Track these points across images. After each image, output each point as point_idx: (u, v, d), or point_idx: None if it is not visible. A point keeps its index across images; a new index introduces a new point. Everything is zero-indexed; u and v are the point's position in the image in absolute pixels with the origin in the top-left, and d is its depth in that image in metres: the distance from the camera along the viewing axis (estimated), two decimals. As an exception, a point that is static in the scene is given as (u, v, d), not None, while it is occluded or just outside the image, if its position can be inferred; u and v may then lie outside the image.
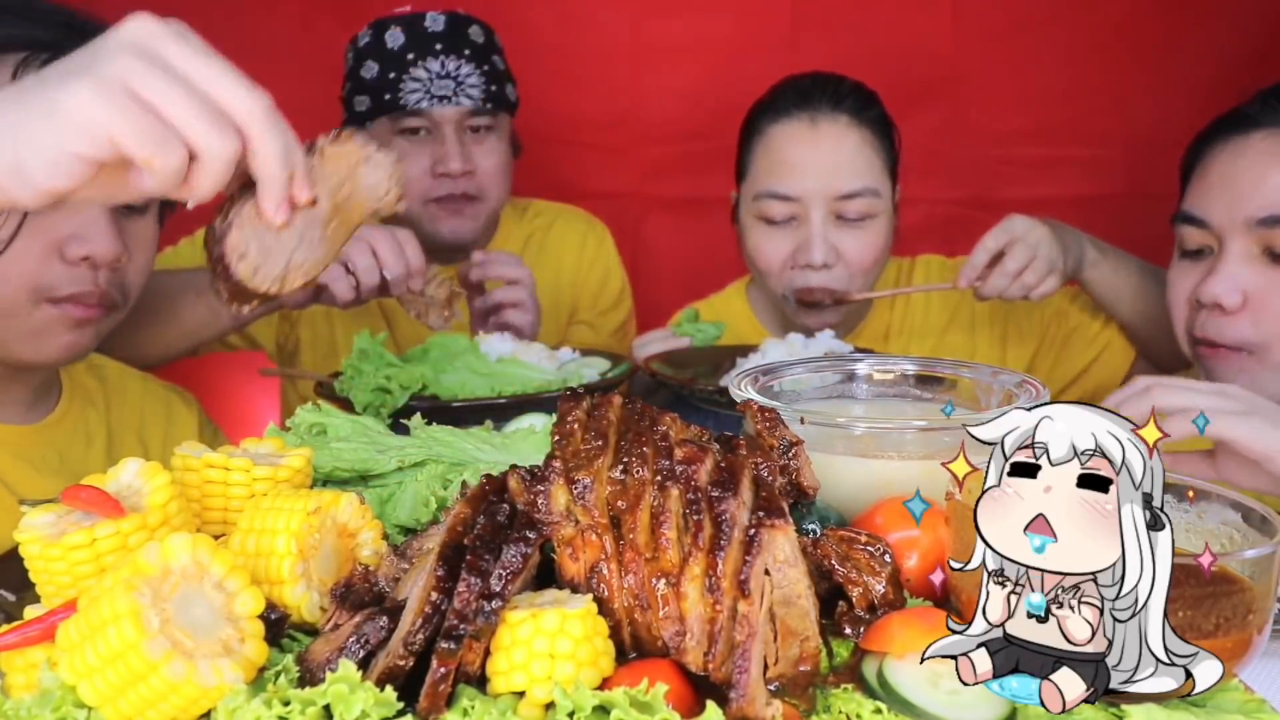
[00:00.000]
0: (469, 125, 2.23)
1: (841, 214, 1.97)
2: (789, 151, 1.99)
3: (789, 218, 1.99)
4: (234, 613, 0.74)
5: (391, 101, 2.17)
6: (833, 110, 1.99)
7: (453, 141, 2.21)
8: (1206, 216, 1.57)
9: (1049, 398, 1.09)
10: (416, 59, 2.16)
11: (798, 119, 1.99)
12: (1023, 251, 1.82)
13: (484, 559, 0.74)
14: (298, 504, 0.87)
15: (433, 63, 2.16)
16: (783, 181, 1.98)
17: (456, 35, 2.20)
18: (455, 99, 2.17)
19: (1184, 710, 0.73)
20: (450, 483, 1.07)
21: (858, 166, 1.98)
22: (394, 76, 2.17)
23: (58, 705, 0.71)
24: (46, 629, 0.77)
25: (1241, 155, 1.57)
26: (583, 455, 0.82)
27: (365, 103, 2.22)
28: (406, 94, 2.16)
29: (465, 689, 0.72)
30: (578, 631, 0.72)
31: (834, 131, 1.97)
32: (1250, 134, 1.57)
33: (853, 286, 2.01)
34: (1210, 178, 1.60)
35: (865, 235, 1.99)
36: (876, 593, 0.83)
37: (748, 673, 0.72)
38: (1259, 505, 0.82)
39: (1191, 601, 0.72)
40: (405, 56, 2.17)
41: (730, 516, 0.76)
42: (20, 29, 1.38)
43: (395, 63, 2.17)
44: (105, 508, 0.82)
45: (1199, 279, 1.59)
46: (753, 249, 2.07)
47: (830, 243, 1.96)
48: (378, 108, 2.21)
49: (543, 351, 1.86)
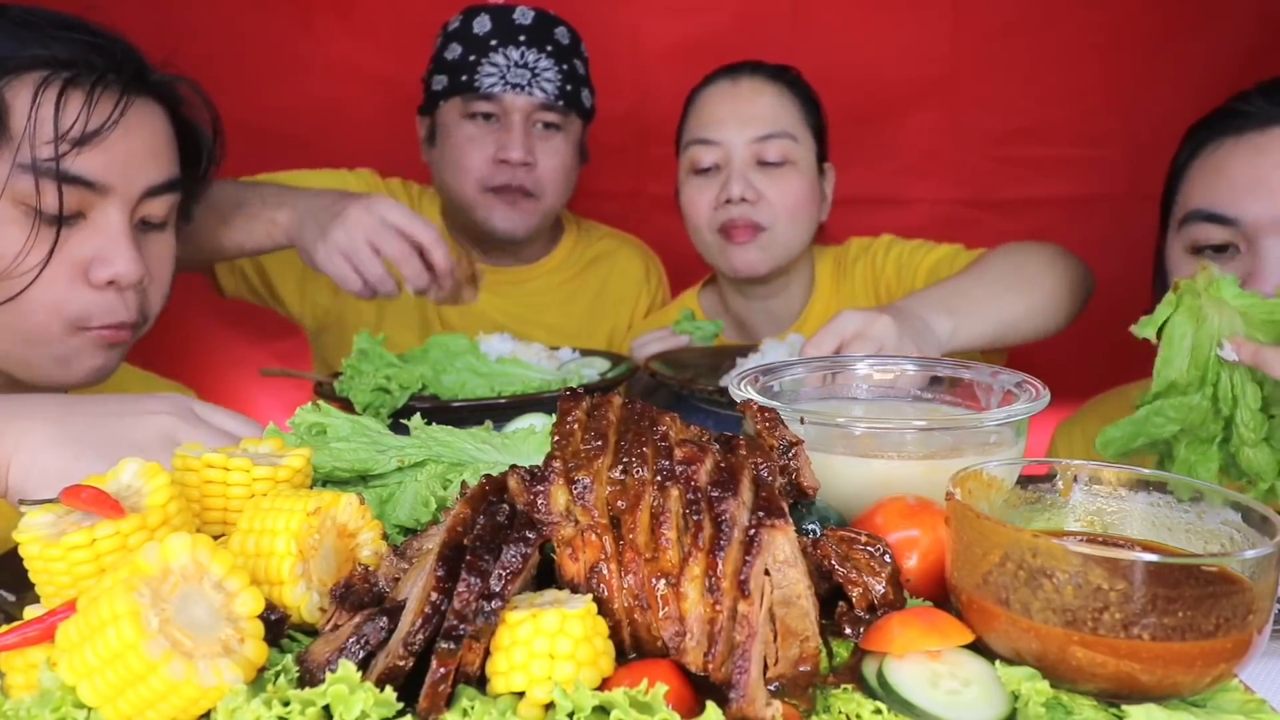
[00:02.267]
0: (538, 120, 2.24)
1: (761, 157, 2.11)
2: (713, 106, 2.16)
3: (714, 164, 2.13)
4: (234, 613, 0.74)
5: (466, 83, 2.20)
6: (752, 72, 2.18)
7: (518, 130, 2.22)
8: (1235, 214, 1.57)
9: (1049, 399, 1.09)
10: (498, 45, 2.19)
11: (722, 81, 2.19)
12: (866, 347, 1.52)
13: (484, 559, 0.74)
14: (297, 504, 0.87)
15: (513, 51, 2.19)
16: (707, 129, 2.14)
17: (542, 31, 2.23)
18: (528, 89, 2.20)
19: (1184, 710, 0.73)
20: (450, 483, 1.07)
21: (776, 113, 2.14)
22: (473, 59, 2.20)
23: (57, 705, 0.71)
24: (46, 629, 0.77)
25: (1264, 153, 1.56)
26: (582, 455, 0.82)
27: (442, 82, 2.25)
28: (482, 77, 2.19)
29: (465, 689, 0.72)
30: (577, 632, 0.72)
31: (753, 85, 2.16)
32: (1268, 130, 1.57)
33: (777, 224, 2.11)
34: (1232, 176, 1.59)
35: (786, 179, 2.12)
36: (876, 593, 0.83)
37: (747, 673, 0.72)
38: (1259, 505, 0.81)
39: (1191, 601, 0.72)
40: (489, 42, 2.20)
41: (730, 517, 0.76)
42: (40, 49, 1.38)
43: (478, 47, 2.20)
44: (105, 508, 0.82)
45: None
46: (686, 201, 2.20)
47: (750, 181, 2.10)
48: (453, 88, 2.23)
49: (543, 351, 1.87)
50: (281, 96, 2.67)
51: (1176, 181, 1.70)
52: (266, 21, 2.65)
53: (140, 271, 1.43)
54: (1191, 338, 1.27)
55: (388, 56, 2.70)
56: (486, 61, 2.19)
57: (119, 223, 1.42)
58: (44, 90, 1.36)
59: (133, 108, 1.45)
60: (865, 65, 2.26)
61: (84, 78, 1.39)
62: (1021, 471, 0.95)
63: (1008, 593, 0.76)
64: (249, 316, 2.82)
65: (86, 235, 1.41)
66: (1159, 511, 0.88)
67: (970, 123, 2.71)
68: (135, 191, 1.44)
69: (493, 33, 2.21)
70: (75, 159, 1.38)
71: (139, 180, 1.44)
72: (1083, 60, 2.64)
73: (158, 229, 1.52)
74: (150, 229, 1.51)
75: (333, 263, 1.73)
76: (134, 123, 1.45)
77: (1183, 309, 1.27)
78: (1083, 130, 2.68)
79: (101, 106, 1.40)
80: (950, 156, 2.73)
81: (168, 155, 1.52)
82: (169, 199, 1.51)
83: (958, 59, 2.68)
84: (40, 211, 1.37)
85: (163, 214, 1.51)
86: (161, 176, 1.48)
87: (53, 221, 1.38)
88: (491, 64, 2.19)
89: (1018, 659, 0.76)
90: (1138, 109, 2.64)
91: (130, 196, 1.44)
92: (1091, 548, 0.74)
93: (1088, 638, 0.72)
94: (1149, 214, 1.82)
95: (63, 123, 1.37)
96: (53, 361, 1.43)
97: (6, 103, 1.35)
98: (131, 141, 1.44)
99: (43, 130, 1.35)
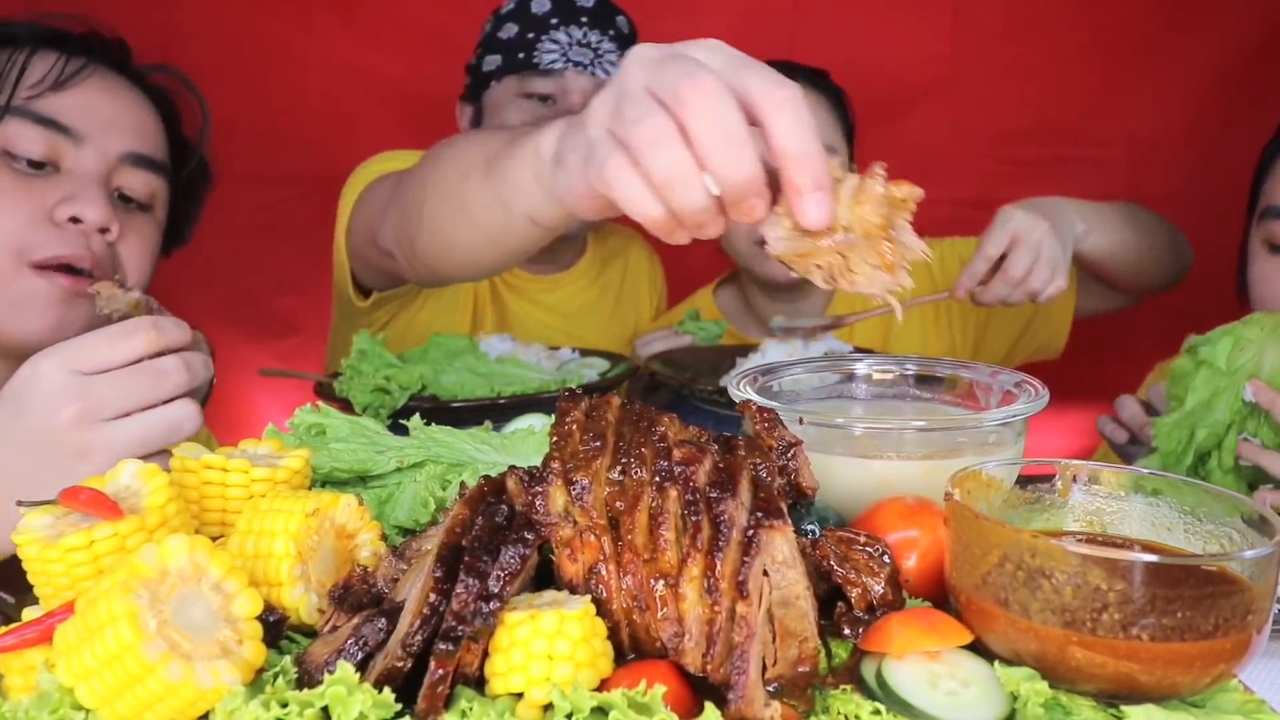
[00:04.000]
0: None
1: None
2: None
3: None
4: (232, 614, 0.74)
5: (525, 60, 2.11)
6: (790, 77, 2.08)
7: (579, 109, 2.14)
8: None
9: (1048, 399, 1.09)
10: (560, 24, 2.11)
11: None
12: (1025, 255, 1.74)
13: (482, 560, 0.74)
14: (296, 505, 0.87)
15: (575, 30, 2.11)
16: None
17: (604, 14, 2.16)
18: (591, 68, 2.11)
19: (1183, 711, 0.73)
20: (449, 483, 1.07)
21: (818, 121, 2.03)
22: (532, 37, 2.11)
23: (56, 707, 0.71)
24: (44, 631, 0.77)
25: None
26: (581, 456, 0.82)
27: (495, 62, 2.15)
28: (542, 53, 2.10)
29: (463, 690, 0.72)
30: (576, 633, 0.72)
31: None
32: None
33: None
34: None
35: None
36: (875, 593, 0.83)
37: (746, 674, 0.72)
38: (1259, 505, 0.81)
39: (1191, 602, 0.72)
40: (549, 20, 2.11)
41: (728, 517, 0.76)
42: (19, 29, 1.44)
43: (537, 25, 2.12)
44: (103, 509, 0.82)
45: None
46: None
47: None
48: (509, 66, 2.14)
49: (542, 351, 1.87)
50: (281, 96, 2.67)
51: (1262, 174, 1.70)
52: (266, 21, 2.65)
53: (106, 217, 1.40)
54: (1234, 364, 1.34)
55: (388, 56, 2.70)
56: (547, 39, 2.09)
57: (92, 171, 1.43)
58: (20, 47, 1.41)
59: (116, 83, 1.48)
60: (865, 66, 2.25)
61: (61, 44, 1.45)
62: (1020, 472, 0.95)
63: (1007, 593, 0.76)
64: (249, 316, 2.82)
65: (57, 182, 1.41)
66: (1158, 512, 0.88)
67: (970, 123, 2.71)
68: (113, 150, 1.45)
69: (553, 11, 2.12)
70: (49, 100, 1.41)
71: (117, 141, 1.46)
72: (1083, 60, 2.64)
73: (140, 209, 1.51)
74: (130, 206, 1.49)
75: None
76: (116, 94, 1.48)
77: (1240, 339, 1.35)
78: (1083, 130, 2.68)
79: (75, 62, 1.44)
80: (950, 156, 2.72)
81: (153, 136, 1.53)
82: (151, 178, 1.51)
83: (958, 59, 2.68)
84: (13, 156, 1.39)
85: (144, 192, 1.50)
86: (143, 148, 1.49)
87: (24, 169, 1.39)
88: (553, 41, 2.09)
89: (1017, 659, 0.76)
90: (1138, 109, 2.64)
91: (107, 154, 1.44)
92: (1090, 548, 0.74)
93: (1087, 638, 0.72)
94: (1148, 214, 1.82)
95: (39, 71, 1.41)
96: (7, 304, 1.39)
97: None
98: (112, 104, 1.46)
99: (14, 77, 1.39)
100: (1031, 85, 2.67)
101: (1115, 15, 2.61)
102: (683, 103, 0.81)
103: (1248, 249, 1.72)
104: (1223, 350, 1.34)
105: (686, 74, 0.82)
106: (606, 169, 0.86)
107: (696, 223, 0.86)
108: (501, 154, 1.11)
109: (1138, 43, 2.61)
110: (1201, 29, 2.59)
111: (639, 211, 0.86)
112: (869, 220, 0.84)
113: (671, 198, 0.84)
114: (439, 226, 1.30)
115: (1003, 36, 2.66)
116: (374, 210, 1.66)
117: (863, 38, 2.65)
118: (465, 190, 1.20)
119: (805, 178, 0.82)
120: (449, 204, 1.25)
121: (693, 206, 0.84)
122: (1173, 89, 2.61)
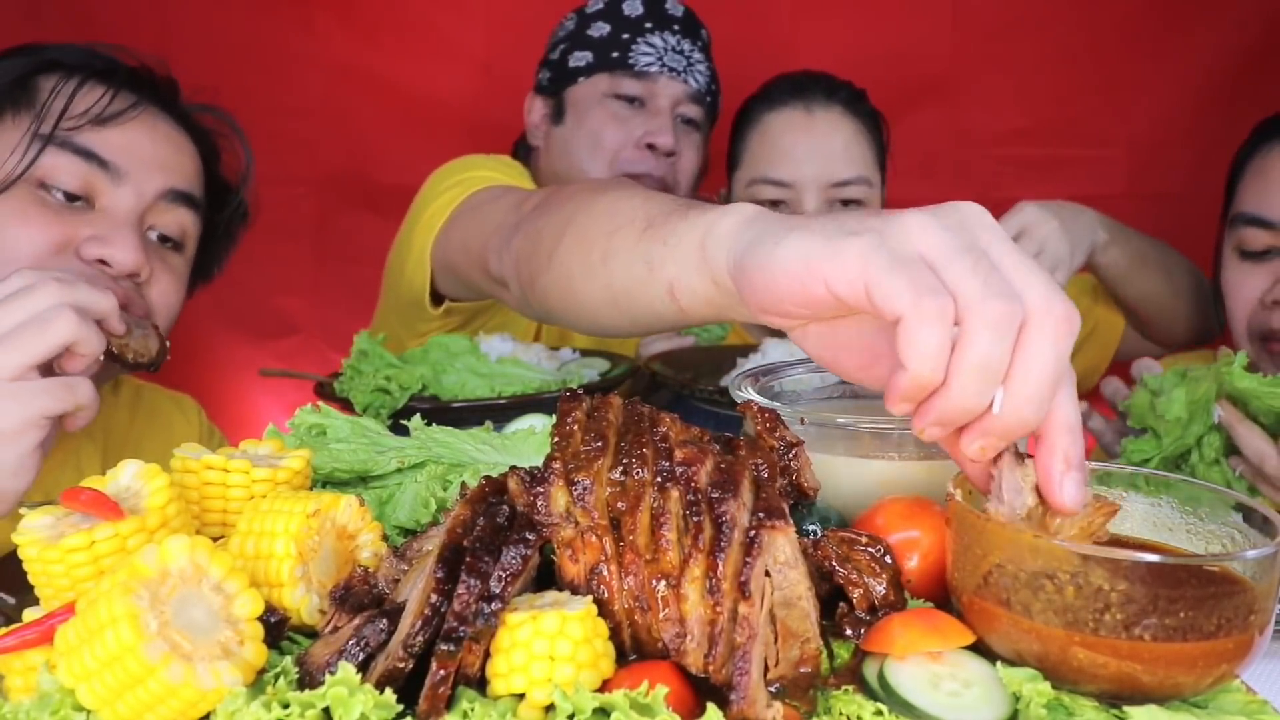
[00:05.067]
0: (680, 112, 2.16)
1: (834, 202, 1.99)
2: (785, 138, 2.01)
3: (781, 202, 2.01)
4: (233, 615, 0.74)
5: (620, 59, 2.11)
6: (827, 100, 2.03)
7: (667, 116, 2.13)
8: (1277, 219, 1.59)
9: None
10: (654, 29, 2.12)
11: (794, 107, 2.03)
12: (1030, 247, 1.75)
13: (483, 561, 0.74)
14: (297, 506, 0.87)
15: (670, 37, 2.12)
16: (777, 167, 2.00)
17: (692, 25, 2.18)
18: (684, 75, 2.12)
19: (1185, 711, 0.73)
20: (450, 484, 1.07)
21: (852, 155, 2.01)
22: (628, 38, 2.12)
23: (56, 708, 0.71)
24: (45, 632, 0.76)
25: None
26: (582, 456, 0.82)
27: (586, 58, 2.14)
28: (638, 55, 2.10)
29: (465, 691, 0.72)
30: (577, 633, 0.72)
31: (829, 119, 2.01)
32: None
33: None
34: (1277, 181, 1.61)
35: None
36: (877, 594, 0.83)
37: (748, 674, 0.72)
38: (1260, 506, 0.81)
39: (1193, 602, 0.72)
40: (643, 24, 2.12)
41: (730, 518, 0.76)
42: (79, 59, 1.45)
43: (632, 27, 2.12)
44: (104, 510, 0.82)
45: (1269, 280, 1.61)
46: None
47: None
48: (601, 64, 2.14)
49: (543, 351, 1.86)
50: (281, 96, 2.67)
51: (1233, 182, 1.72)
52: (266, 22, 2.65)
53: (137, 263, 1.40)
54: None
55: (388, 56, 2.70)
56: (643, 41, 2.10)
57: (127, 211, 1.42)
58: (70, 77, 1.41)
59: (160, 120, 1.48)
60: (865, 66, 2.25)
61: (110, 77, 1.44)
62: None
63: (1008, 594, 0.76)
64: (249, 316, 2.82)
65: (90, 219, 1.40)
66: (1160, 512, 0.88)
67: (970, 123, 2.71)
68: (150, 190, 1.44)
69: (646, 16, 2.13)
70: (91, 134, 1.40)
71: (156, 179, 1.44)
72: (1083, 60, 2.64)
73: (173, 248, 1.50)
74: (165, 245, 1.49)
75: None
76: (159, 132, 1.47)
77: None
78: (1083, 130, 2.68)
79: (123, 98, 1.43)
80: (950, 156, 2.73)
81: (192, 175, 1.52)
82: (187, 214, 1.50)
83: (958, 59, 2.68)
84: (48, 188, 1.38)
85: (178, 229, 1.50)
86: (182, 184, 1.48)
87: (57, 203, 1.39)
88: (649, 44, 2.10)
89: (1019, 660, 0.76)
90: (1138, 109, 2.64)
91: (143, 193, 1.43)
92: (1092, 548, 0.74)
93: (1089, 639, 0.72)
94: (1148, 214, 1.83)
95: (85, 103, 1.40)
96: None
97: (36, 84, 1.40)
98: (155, 141, 1.46)
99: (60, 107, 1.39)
100: (1031, 85, 2.67)
101: (1115, 15, 2.61)
102: (1034, 312, 0.71)
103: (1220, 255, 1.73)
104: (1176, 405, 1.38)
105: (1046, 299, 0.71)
106: (921, 297, 0.70)
107: (943, 417, 0.74)
108: (672, 215, 1.00)
109: (1138, 43, 2.61)
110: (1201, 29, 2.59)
111: (912, 355, 0.71)
112: None
113: (963, 380, 0.71)
114: (571, 274, 1.17)
115: (1003, 36, 2.66)
116: (488, 229, 1.52)
117: (863, 38, 2.65)
118: (613, 243, 1.08)
119: (1075, 454, 0.75)
120: (591, 253, 1.12)
121: (967, 403, 0.72)
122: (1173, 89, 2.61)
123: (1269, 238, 1.61)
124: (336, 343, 2.57)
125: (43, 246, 1.37)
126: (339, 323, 2.64)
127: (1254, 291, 1.64)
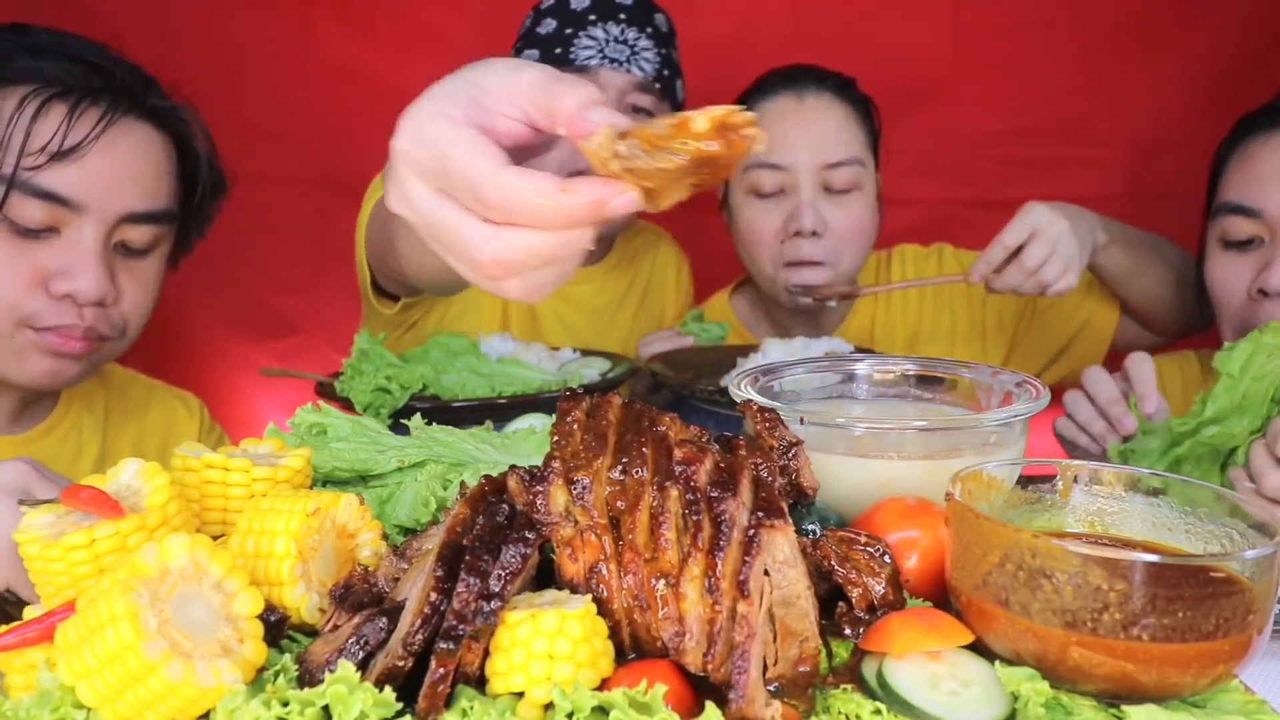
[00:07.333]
0: (631, 102, 2.11)
1: (829, 184, 2.04)
2: (778, 125, 2.06)
3: (778, 189, 2.05)
4: (233, 613, 0.74)
5: (561, 55, 2.08)
6: (817, 87, 2.09)
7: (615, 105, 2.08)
8: (1261, 207, 1.59)
9: (1049, 399, 1.09)
10: (598, 20, 2.09)
11: (785, 95, 2.09)
12: (1042, 247, 1.76)
13: (483, 559, 0.74)
14: (297, 505, 0.87)
15: (613, 27, 2.09)
16: (773, 152, 2.04)
17: (642, 12, 2.14)
18: (627, 65, 2.08)
19: (1184, 711, 0.73)
20: (450, 483, 1.07)
21: (844, 137, 2.06)
22: (570, 33, 2.09)
23: (56, 706, 0.71)
24: (45, 630, 0.77)
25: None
26: (582, 456, 0.82)
27: (533, 56, 2.13)
28: (579, 49, 2.07)
29: (464, 690, 0.72)
30: (577, 632, 0.72)
31: (819, 105, 2.07)
32: None
33: (841, 258, 2.06)
34: (1260, 170, 1.62)
35: (852, 206, 2.06)
36: (876, 593, 0.83)
37: (747, 673, 0.72)
38: (1258, 506, 0.81)
39: (1191, 602, 0.72)
40: (587, 16, 2.09)
41: (729, 517, 0.76)
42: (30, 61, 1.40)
43: (575, 21, 2.10)
44: (104, 508, 0.82)
45: (1254, 270, 1.61)
46: (745, 225, 2.12)
47: (818, 212, 2.02)
48: (545, 61, 2.06)
49: (543, 351, 1.87)
50: (281, 97, 2.67)
51: (1215, 175, 1.72)
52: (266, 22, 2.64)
53: (103, 291, 1.43)
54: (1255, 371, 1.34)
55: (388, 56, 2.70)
56: (584, 34, 2.07)
57: (91, 241, 1.43)
58: (26, 103, 1.38)
59: (124, 131, 1.45)
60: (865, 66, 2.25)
61: (69, 95, 1.40)
62: (1021, 472, 0.95)
63: (1007, 593, 0.76)
64: (249, 316, 2.82)
65: (56, 250, 1.42)
66: (1159, 512, 0.88)
67: (970, 123, 2.71)
68: (112, 214, 1.44)
69: (591, 8, 2.10)
70: (50, 173, 1.39)
71: (117, 202, 1.45)
72: (1083, 60, 2.64)
73: (139, 254, 1.52)
74: (131, 254, 1.50)
75: None
76: (122, 145, 1.45)
77: (1261, 346, 1.35)
78: (1083, 130, 2.68)
79: (84, 123, 1.40)
80: (950, 156, 2.72)
81: (158, 183, 1.51)
82: (153, 229, 1.51)
83: (958, 59, 2.68)
84: (12, 223, 1.39)
85: (145, 241, 1.51)
86: (145, 204, 1.48)
87: (25, 234, 1.40)
88: (590, 37, 2.07)
89: (1017, 660, 0.76)
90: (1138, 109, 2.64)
91: (107, 218, 1.44)
92: (1091, 548, 0.74)
93: (1087, 638, 0.72)
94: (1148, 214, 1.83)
95: (42, 136, 1.38)
96: (6, 356, 1.45)
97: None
98: (115, 162, 1.44)
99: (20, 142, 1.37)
100: (1031, 85, 2.67)
101: (1116, 15, 2.61)
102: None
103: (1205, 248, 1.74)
104: (1239, 357, 1.33)
105: None
106: None
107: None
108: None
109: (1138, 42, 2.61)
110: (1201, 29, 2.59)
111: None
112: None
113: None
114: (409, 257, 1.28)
115: (1003, 36, 2.65)
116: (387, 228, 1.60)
117: (862, 38, 2.65)
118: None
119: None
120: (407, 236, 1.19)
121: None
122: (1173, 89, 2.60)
123: (1253, 226, 1.61)
124: (337, 342, 2.57)
125: (18, 285, 1.41)
126: (339, 323, 2.63)
127: (1240, 283, 1.64)
